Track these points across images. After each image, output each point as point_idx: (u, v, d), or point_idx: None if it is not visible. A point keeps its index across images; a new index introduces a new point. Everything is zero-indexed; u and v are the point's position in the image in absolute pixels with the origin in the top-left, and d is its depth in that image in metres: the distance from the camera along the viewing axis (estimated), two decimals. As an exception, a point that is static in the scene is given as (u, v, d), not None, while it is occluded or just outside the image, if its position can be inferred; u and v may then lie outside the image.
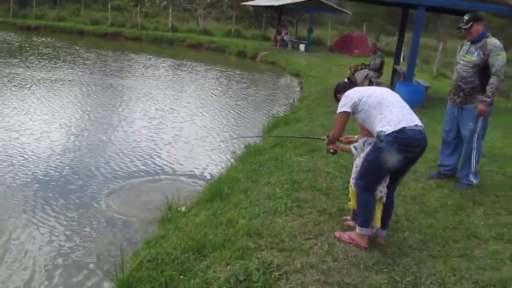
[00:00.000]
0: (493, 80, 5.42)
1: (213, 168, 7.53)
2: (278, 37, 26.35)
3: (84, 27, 29.73)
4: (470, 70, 5.52)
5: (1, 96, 11.42)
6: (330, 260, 3.68)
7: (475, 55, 5.49)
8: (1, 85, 12.70)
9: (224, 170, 7.11)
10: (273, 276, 3.45)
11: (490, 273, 3.67)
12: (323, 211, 4.64)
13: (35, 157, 7.44)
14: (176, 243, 4.35)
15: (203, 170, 7.46)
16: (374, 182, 3.90)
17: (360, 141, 4.19)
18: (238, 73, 18.57)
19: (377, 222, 3.97)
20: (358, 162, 4.08)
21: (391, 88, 13.10)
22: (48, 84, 13.42)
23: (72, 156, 7.70)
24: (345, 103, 3.94)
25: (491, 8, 10.54)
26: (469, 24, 5.48)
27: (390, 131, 3.66)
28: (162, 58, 21.42)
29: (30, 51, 20.17)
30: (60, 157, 7.59)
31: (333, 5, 27.95)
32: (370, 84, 12.95)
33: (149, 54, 22.29)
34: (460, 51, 5.79)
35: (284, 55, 22.68)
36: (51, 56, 19.17)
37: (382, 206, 3.97)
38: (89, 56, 20.11)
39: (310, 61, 20.50)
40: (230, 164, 7.35)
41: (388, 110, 3.76)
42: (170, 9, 31.73)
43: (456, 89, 5.70)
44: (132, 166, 7.46)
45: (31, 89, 12.49)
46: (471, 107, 5.56)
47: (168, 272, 3.80)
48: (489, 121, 5.74)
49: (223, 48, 26.32)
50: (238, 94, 14.19)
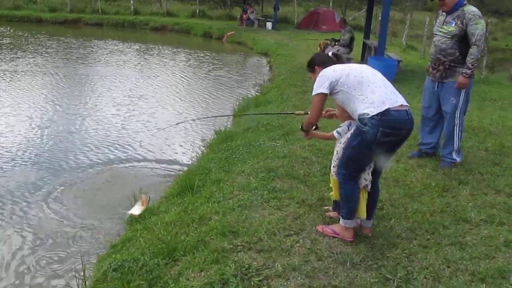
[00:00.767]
0: (473, 50, 5.13)
1: (183, 157, 7.12)
2: (244, 16, 25.78)
3: (42, 15, 28.47)
4: (449, 41, 5.21)
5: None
6: (314, 260, 3.35)
7: (453, 25, 5.17)
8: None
9: (195, 160, 6.71)
10: (253, 283, 3.10)
11: (486, 263, 3.41)
12: (302, 202, 4.31)
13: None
14: (144, 247, 3.98)
15: (173, 160, 7.03)
16: (358, 170, 3.56)
17: (344, 125, 3.81)
18: (205, 55, 18.01)
19: (362, 213, 3.64)
20: (339, 149, 3.72)
21: (363, 63, 12.89)
22: (10, 76, 12.67)
23: (35, 149, 7.24)
24: (322, 84, 3.56)
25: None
26: None
27: (374, 113, 3.32)
28: (127, 43, 20.65)
29: (-14, 42, 19.19)
30: (22, 152, 7.12)
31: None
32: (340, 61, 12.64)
33: (113, 40, 21.46)
34: (436, 23, 5.47)
35: (251, 35, 22.17)
36: (11, 47, 18.22)
37: (367, 195, 3.65)
38: (51, 44, 19.21)
39: (278, 40, 20.05)
40: (201, 153, 6.94)
41: (370, 90, 3.41)
42: (132, -9, 30.71)
43: (435, 63, 5.38)
44: (97, 158, 7.03)
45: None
46: (452, 81, 5.26)
47: (136, 283, 3.42)
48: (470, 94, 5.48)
49: (188, 30, 25.59)
50: (206, 77, 13.69)
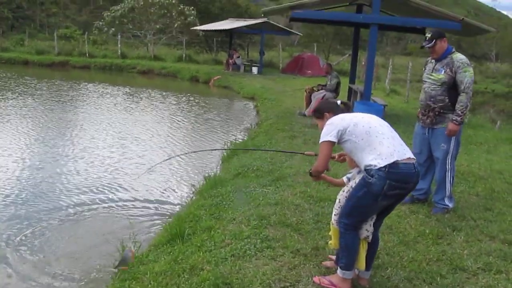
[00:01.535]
0: (462, 98, 5.20)
1: (172, 204, 6.99)
2: (230, 61, 26.12)
3: (29, 57, 28.63)
4: (439, 89, 5.28)
5: None
6: (313, 314, 3.25)
7: (442, 73, 5.25)
8: None
9: (184, 206, 6.59)
10: None
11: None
12: (297, 252, 4.21)
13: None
14: (134, 300, 3.83)
15: (162, 206, 6.89)
16: (361, 221, 3.50)
17: (354, 171, 3.76)
18: (192, 99, 18.09)
19: (361, 264, 3.56)
20: (341, 197, 3.66)
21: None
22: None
23: (19, 190, 7.17)
24: (329, 132, 3.53)
25: (443, 25, 10.49)
26: (433, 42, 5.25)
27: (382, 165, 3.29)
28: (115, 86, 20.70)
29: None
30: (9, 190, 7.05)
31: (285, 27, 28.01)
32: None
33: (101, 83, 21.50)
34: (426, 70, 5.54)
35: (237, 79, 22.40)
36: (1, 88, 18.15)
37: (367, 246, 3.57)
38: (41, 87, 19.24)
39: (264, 84, 20.27)
40: (190, 199, 6.84)
41: (378, 141, 3.39)
42: (119, 36, 31.04)
43: (425, 109, 5.43)
44: (83, 201, 6.87)
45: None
46: (442, 128, 5.30)
47: None
48: (460, 140, 5.52)
49: (175, 74, 25.83)
50: (194, 121, 13.69)
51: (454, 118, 5.21)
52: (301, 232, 4.68)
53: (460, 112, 5.20)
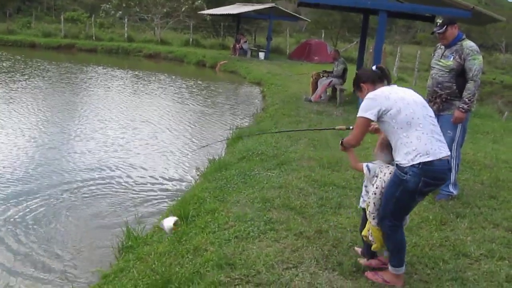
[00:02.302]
0: (470, 86, 5.16)
1: (177, 186, 7.02)
2: (237, 46, 26.00)
3: (36, 40, 28.60)
4: (447, 75, 5.24)
5: None
6: (315, 295, 3.27)
7: (451, 59, 5.21)
8: None
9: (188, 188, 6.62)
10: (252, 318, 3.01)
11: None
12: (300, 234, 4.23)
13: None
14: (138, 278, 3.88)
15: (167, 188, 6.93)
16: (403, 218, 3.45)
17: (377, 164, 3.58)
18: (199, 83, 18.07)
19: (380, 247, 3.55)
20: (376, 201, 3.45)
21: (356, 95, 12.95)
22: (9, 98, 12.61)
23: (30, 169, 7.29)
24: (370, 108, 3.35)
25: (453, 13, 10.37)
26: (444, 28, 5.20)
27: (416, 162, 3.19)
28: (122, 70, 20.71)
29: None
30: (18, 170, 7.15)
31: (293, 13, 27.82)
32: (334, 92, 12.70)
33: (108, 66, 21.48)
34: (435, 56, 5.50)
35: (244, 64, 22.32)
36: (10, 70, 18.17)
37: None
38: (51, 69, 19.28)
39: (271, 69, 20.20)
40: (195, 182, 6.86)
41: (416, 136, 3.24)
42: (126, 19, 30.94)
43: (432, 96, 5.40)
44: (90, 182, 6.92)
45: None
46: (449, 114, 5.27)
47: (129, 316, 3.30)
48: (467, 128, 5.49)
49: (181, 58, 25.77)
50: (200, 106, 13.68)
51: (461, 106, 5.18)
52: (305, 216, 4.69)
53: (467, 100, 5.17)
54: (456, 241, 4.29)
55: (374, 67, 3.69)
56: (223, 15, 29.16)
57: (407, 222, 3.54)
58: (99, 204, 6.22)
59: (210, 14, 30.47)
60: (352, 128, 3.66)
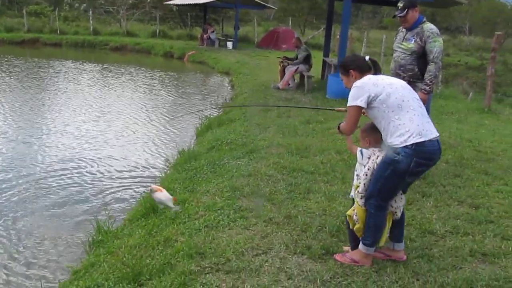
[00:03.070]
0: (431, 67, 5.26)
1: (146, 178, 6.97)
2: (205, 36, 25.85)
3: (-2, 35, 27.88)
4: (408, 58, 5.33)
5: None
6: (284, 279, 3.30)
7: (412, 42, 5.30)
8: None
9: (158, 180, 6.58)
10: (222, 305, 3.03)
11: (454, 273, 3.43)
12: (270, 221, 4.26)
13: None
14: (108, 272, 3.84)
15: (136, 181, 6.88)
16: (389, 199, 3.46)
17: (370, 150, 3.55)
18: (166, 75, 17.93)
19: (383, 241, 3.56)
20: (366, 181, 3.46)
21: (324, 81, 13.06)
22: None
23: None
24: (359, 96, 3.38)
25: (416, -4, 10.53)
26: (405, 11, 5.27)
27: (409, 143, 3.21)
28: (88, 63, 20.34)
29: None
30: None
31: (260, 1, 27.75)
32: (302, 79, 12.75)
33: (76, 59, 21.08)
34: (396, 39, 5.58)
35: (212, 54, 22.22)
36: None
37: (392, 220, 3.58)
38: (18, 64, 18.86)
39: (239, 59, 20.16)
40: (164, 173, 6.83)
41: (408, 118, 3.28)
42: (91, 12, 30.41)
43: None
44: (55, 176, 6.82)
45: None
46: (412, 96, 5.36)
47: (100, 310, 3.28)
48: (430, 109, 5.59)
49: (149, 50, 25.50)
50: (168, 97, 13.58)
51: (423, 87, 5.28)
52: (274, 202, 4.73)
53: (429, 81, 5.27)
54: (422, 220, 4.39)
55: (367, 58, 3.70)
56: (190, 5, 28.93)
57: (397, 212, 3.54)
58: (69, 199, 6.15)
59: (177, 5, 30.20)
60: None
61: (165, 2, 29.96)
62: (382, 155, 3.42)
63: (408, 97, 3.36)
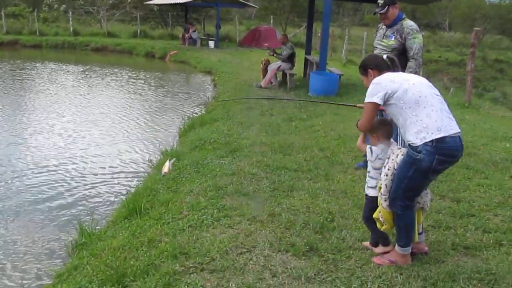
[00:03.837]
0: (411, 64, 5.31)
1: (129, 179, 6.93)
2: (186, 35, 25.75)
3: (-25, 38, 27.44)
4: (389, 55, 5.36)
5: None
6: (269, 276, 3.31)
7: (392, 39, 5.34)
8: None
9: (141, 181, 6.54)
10: (207, 305, 3.02)
11: (436, 267, 3.47)
12: (254, 219, 4.27)
13: None
14: (92, 274, 3.80)
15: (119, 182, 6.83)
16: (415, 198, 3.45)
17: (379, 148, 3.57)
18: (148, 75, 17.81)
19: (416, 238, 3.56)
20: (387, 182, 3.43)
21: (306, 79, 13.09)
22: None
23: None
24: (376, 93, 3.38)
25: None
26: (385, 8, 5.32)
27: (428, 140, 3.18)
28: (69, 65, 20.09)
29: None
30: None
31: (241, 0, 27.72)
32: (284, 77, 12.78)
33: (57, 61, 20.81)
34: (377, 36, 5.62)
35: (194, 53, 22.15)
36: None
37: (421, 216, 3.60)
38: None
39: (221, 58, 20.13)
40: (147, 174, 6.79)
41: (425, 113, 3.24)
42: (70, 13, 30.07)
43: (376, 75, 5.52)
44: (37, 180, 6.74)
45: None
46: (393, 93, 5.40)
47: (84, 313, 3.25)
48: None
49: (130, 50, 25.31)
50: (150, 97, 13.49)
51: (404, 83, 5.31)
52: (258, 200, 4.73)
53: (410, 77, 5.30)
54: (405, 215, 4.42)
55: (385, 57, 3.73)
56: (171, 5, 28.76)
57: (424, 207, 3.55)
58: (51, 201, 6.07)
59: (157, 4, 30.01)
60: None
61: (146, 2, 29.76)
62: (402, 154, 3.41)
63: (426, 93, 3.33)
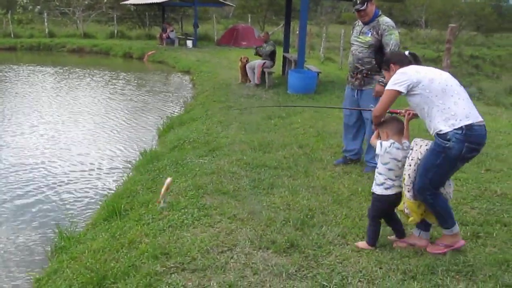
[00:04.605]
0: (388, 60, 5.33)
1: (108, 182, 6.86)
2: (164, 35, 25.58)
3: None
4: (366, 51, 5.41)
5: None
6: (250, 274, 3.31)
7: (369, 35, 5.37)
8: None
9: (120, 183, 6.48)
10: (188, 304, 3.01)
11: (416, 260, 3.51)
12: (234, 217, 4.26)
13: None
14: (72, 278, 3.77)
15: (98, 185, 6.75)
16: (441, 186, 3.49)
17: (389, 142, 3.58)
18: (127, 76, 17.64)
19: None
20: (410, 172, 3.46)
21: (285, 76, 13.12)
22: None
23: None
24: (401, 81, 3.44)
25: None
26: (365, 5, 5.34)
27: (457, 127, 3.22)
28: (45, 67, 19.76)
29: None
30: None
31: (218, -1, 27.68)
32: (263, 75, 12.79)
33: (33, 64, 20.40)
34: (353, 32, 5.65)
35: (172, 53, 22.03)
36: None
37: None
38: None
39: (199, 57, 20.06)
40: (127, 175, 6.73)
41: (453, 101, 3.30)
42: (45, 14, 29.63)
43: (354, 72, 5.57)
44: (15, 183, 6.61)
45: None
46: (371, 89, 5.45)
47: (64, 317, 3.21)
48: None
49: (107, 51, 25.03)
50: (129, 98, 13.37)
51: (381, 80, 5.35)
52: (238, 199, 4.73)
53: (387, 74, 5.34)
54: (384, 210, 4.46)
55: (407, 52, 3.78)
56: (148, 5, 28.56)
57: (448, 194, 3.60)
58: (28, 205, 5.98)
59: (134, 4, 29.76)
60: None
61: (122, 2, 29.48)
62: (426, 144, 3.46)
63: (451, 82, 3.40)
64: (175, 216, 4.37)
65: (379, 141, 3.62)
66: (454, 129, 3.25)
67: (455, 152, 3.27)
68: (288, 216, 4.24)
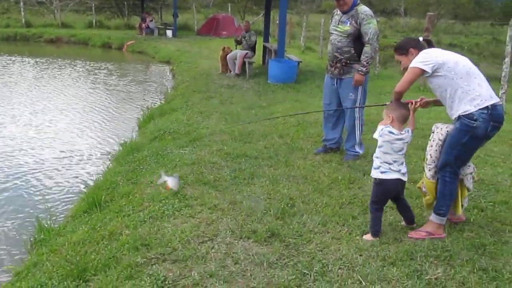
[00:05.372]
0: (367, 49, 5.36)
1: (88, 173, 6.79)
2: (143, 25, 25.33)
3: None
4: (345, 40, 5.42)
5: None
6: (231, 264, 3.32)
7: (348, 25, 5.38)
8: None
9: (100, 175, 6.43)
10: (169, 295, 3.01)
11: (395, 247, 3.56)
12: (215, 207, 4.27)
13: None
14: (52, 271, 3.73)
15: (77, 177, 6.68)
16: (463, 165, 3.62)
17: (383, 126, 3.62)
18: (105, 66, 17.43)
19: (458, 209, 3.74)
20: (432, 152, 3.64)
21: (265, 66, 13.10)
22: None
23: None
24: (426, 61, 3.54)
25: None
26: None
27: (483, 106, 3.38)
28: (22, 57, 19.41)
29: None
30: None
31: (197, -13, 27.43)
32: (243, 64, 12.75)
33: (11, 54, 20.03)
34: (332, 22, 5.65)
35: (152, 43, 21.85)
36: None
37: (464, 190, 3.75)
38: None
39: (179, 47, 19.92)
40: (107, 167, 6.68)
41: (477, 83, 3.46)
42: (22, 3, 29.08)
43: (333, 61, 5.58)
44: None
45: None
46: (350, 78, 5.47)
47: (44, 310, 3.19)
48: (367, 89, 5.72)
49: (86, 41, 24.69)
50: (108, 88, 13.22)
51: (360, 69, 5.39)
52: (219, 189, 4.73)
53: (365, 63, 5.37)
54: (364, 197, 4.50)
55: (421, 38, 3.85)
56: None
57: (472, 174, 3.72)
58: (6, 197, 5.90)
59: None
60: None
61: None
62: (446, 127, 3.60)
63: (472, 65, 3.55)
64: (156, 207, 4.36)
65: (381, 127, 3.67)
66: (480, 109, 3.41)
67: (481, 132, 3.45)
68: (269, 206, 4.26)
